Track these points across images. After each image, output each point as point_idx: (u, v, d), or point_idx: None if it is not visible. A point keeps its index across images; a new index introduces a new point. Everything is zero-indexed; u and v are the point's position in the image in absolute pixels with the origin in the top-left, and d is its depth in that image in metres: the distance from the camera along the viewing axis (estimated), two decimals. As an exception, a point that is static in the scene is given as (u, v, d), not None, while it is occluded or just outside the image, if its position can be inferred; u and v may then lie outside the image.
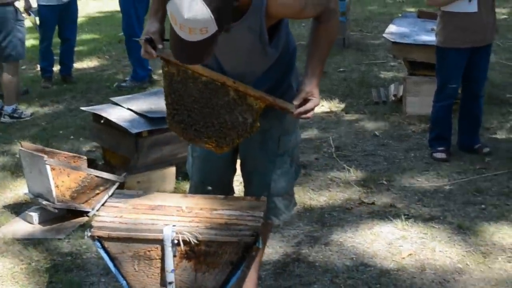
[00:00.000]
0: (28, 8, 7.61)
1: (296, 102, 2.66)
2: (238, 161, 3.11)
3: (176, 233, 2.49)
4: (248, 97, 2.66)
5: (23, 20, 6.79)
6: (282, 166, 2.99)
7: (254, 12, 2.52)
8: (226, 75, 2.71)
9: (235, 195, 3.27)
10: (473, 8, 4.85)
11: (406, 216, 4.29)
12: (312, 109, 2.69)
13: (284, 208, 3.07)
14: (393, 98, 6.66)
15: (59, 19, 7.80)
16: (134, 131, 4.53)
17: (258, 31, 2.57)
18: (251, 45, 2.64)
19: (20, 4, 7.00)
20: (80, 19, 9.30)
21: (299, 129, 3.11)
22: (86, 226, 4.14)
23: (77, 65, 8.79)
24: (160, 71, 8.39)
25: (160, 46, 2.68)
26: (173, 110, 2.78)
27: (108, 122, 4.70)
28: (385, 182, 4.88)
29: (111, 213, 2.72)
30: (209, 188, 3.05)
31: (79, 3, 8.25)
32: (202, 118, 2.74)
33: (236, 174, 3.16)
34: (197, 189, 3.07)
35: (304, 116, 2.68)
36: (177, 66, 2.69)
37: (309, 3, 2.58)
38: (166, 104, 2.80)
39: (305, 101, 2.67)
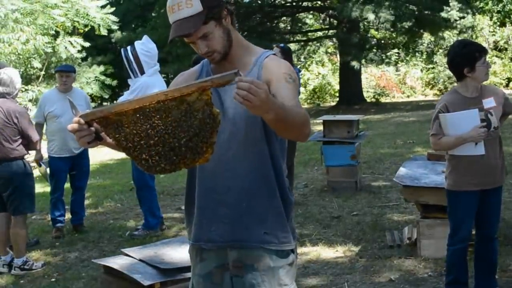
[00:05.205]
0: (39, 159, 7.66)
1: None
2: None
3: None
4: (188, 97, 2.44)
5: (31, 173, 6.79)
6: None
7: (254, 67, 2.83)
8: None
9: None
10: (480, 150, 4.84)
11: None
12: (255, 86, 2.29)
13: None
14: (407, 241, 6.59)
15: (71, 170, 7.91)
16: (146, 283, 4.49)
17: None
18: None
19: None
20: (92, 166, 9.38)
21: (295, 284, 2.94)
22: None
23: (88, 213, 8.83)
24: (171, 216, 8.43)
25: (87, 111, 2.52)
26: (143, 160, 2.54)
27: (120, 273, 4.67)
28: (403, 330, 4.76)
29: None
30: None
31: (91, 150, 8.26)
32: (170, 147, 2.51)
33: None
34: None
35: (242, 87, 2.28)
36: (108, 119, 2.49)
37: (295, 85, 2.74)
38: (133, 158, 2.56)
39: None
